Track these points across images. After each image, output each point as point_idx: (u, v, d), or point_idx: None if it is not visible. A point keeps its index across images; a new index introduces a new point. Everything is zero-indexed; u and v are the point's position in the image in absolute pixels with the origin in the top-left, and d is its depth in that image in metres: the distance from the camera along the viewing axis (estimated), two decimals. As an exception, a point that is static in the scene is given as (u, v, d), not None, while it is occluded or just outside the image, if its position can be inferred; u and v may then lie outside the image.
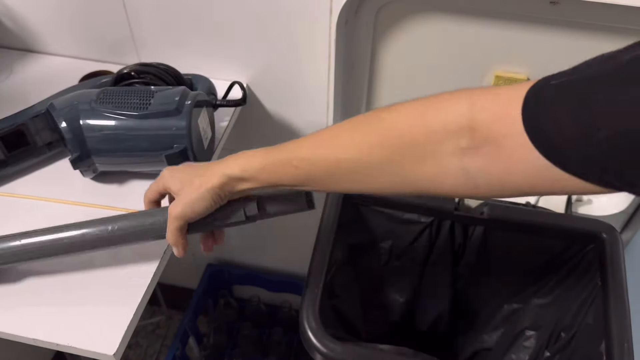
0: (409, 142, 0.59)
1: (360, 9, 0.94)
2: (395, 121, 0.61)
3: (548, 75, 0.52)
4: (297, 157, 0.68)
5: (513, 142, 0.51)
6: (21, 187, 0.94)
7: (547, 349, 1.08)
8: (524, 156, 0.51)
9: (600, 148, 0.46)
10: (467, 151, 0.55)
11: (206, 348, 1.63)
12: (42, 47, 1.16)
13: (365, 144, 0.62)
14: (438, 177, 0.58)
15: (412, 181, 0.60)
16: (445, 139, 0.56)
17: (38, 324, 0.78)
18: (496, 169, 0.54)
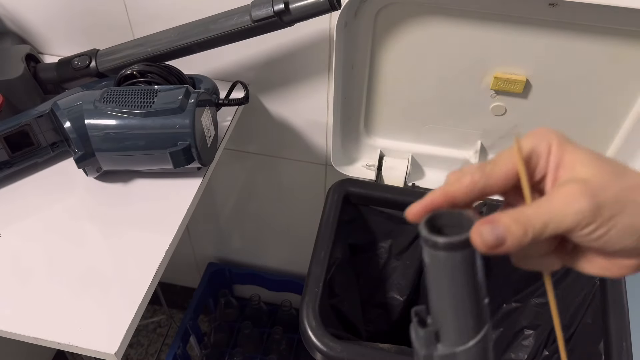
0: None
1: (359, 11, 0.94)
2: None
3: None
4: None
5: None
6: (25, 187, 0.95)
7: (545, 348, 1.08)
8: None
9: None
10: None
11: (207, 347, 1.63)
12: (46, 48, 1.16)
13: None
14: None
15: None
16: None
17: (39, 322, 0.78)
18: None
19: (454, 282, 0.42)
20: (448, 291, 0.43)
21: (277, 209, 1.45)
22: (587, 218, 0.39)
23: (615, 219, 0.39)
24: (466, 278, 0.42)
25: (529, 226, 0.39)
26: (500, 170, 0.42)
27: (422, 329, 0.45)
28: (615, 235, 0.39)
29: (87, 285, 0.82)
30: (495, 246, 0.39)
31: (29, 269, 0.84)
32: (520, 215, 0.40)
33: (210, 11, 0.92)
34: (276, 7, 0.86)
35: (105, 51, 0.99)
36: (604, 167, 0.40)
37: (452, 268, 0.42)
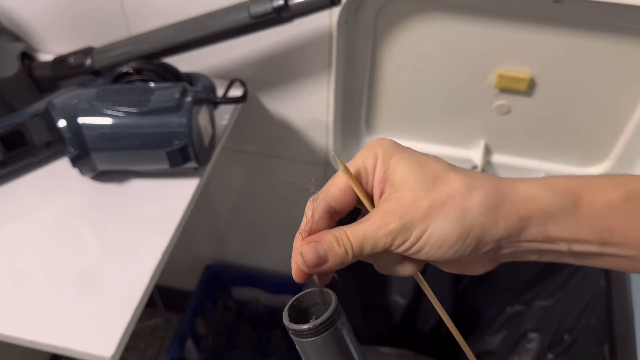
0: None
1: (360, 8, 0.94)
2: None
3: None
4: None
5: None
6: (20, 187, 0.94)
7: (549, 351, 1.07)
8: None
9: None
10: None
11: (205, 350, 1.63)
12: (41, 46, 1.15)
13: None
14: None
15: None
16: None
17: (35, 325, 0.77)
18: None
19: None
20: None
21: (276, 209, 1.44)
22: (398, 238, 0.41)
23: (426, 234, 0.41)
24: (338, 355, 0.43)
25: (349, 247, 0.42)
26: (335, 187, 0.44)
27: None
28: (432, 248, 0.42)
29: (83, 287, 0.81)
30: (317, 265, 0.43)
31: (24, 270, 0.84)
32: (342, 236, 0.42)
33: (207, 7, 0.92)
34: (275, 3, 0.85)
35: (101, 49, 0.98)
36: (420, 178, 0.42)
37: (321, 351, 0.42)
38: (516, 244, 0.43)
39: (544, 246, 0.43)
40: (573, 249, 0.43)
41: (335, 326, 0.42)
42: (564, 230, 0.42)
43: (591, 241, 0.42)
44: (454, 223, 0.41)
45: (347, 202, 0.45)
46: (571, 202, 0.42)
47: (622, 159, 1.05)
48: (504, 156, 1.11)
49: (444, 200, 0.41)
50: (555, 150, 1.07)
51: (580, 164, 1.09)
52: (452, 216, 0.41)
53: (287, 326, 0.42)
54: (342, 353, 0.44)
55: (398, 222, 0.41)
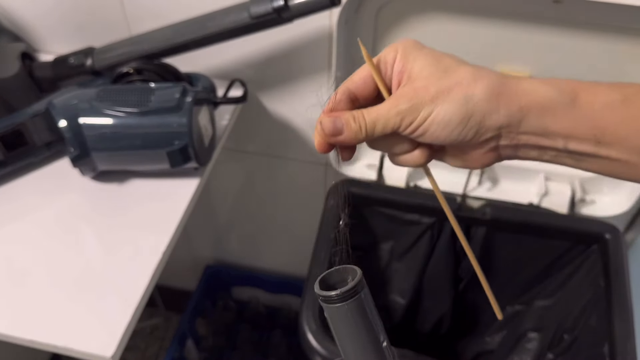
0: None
1: (360, 8, 0.94)
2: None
3: None
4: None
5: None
6: (20, 187, 0.94)
7: (549, 351, 1.07)
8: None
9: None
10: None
11: (205, 350, 1.63)
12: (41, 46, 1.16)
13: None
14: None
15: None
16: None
17: (35, 325, 0.77)
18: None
19: (351, 328, 0.49)
20: (349, 338, 0.50)
21: (276, 209, 1.44)
22: (406, 118, 0.45)
23: (432, 115, 0.45)
24: (360, 321, 0.49)
25: (362, 124, 0.46)
26: (357, 76, 0.50)
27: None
28: (437, 129, 0.45)
29: (83, 287, 0.82)
30: (333, 134, 0.47)
31: (24, 270, 0.84)
32: (358, 114, 0.47)
33: (207, 8, 0.92)
34: (275, 4, 0.85)
35: (102, 49, 0.98)
36: (434, 70, 0.45)
37: (347, 316, 0.48)
38: (516, 136, 0.45)
39: (542, 141, 0.45)
40: (569, 147, 0.45)
41: (358, 296, 0.48)
42: (561, 125, 0.44)
43: (586, 139, 0.44)
44: (458, 106, 0.44)
45: (367, 90, 0.49)
46: (570, 99, 0.44)
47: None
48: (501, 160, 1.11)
49: (451, 87, 0.44)
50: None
51: (580, 164, 1.09)
52: (457, 101, 0.44)
53: (317, 293, 0.48)
54: (364, 322, 0.49)
55: (407, 103, 0.45)
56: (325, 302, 0.48)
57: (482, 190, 1.13)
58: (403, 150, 0.49)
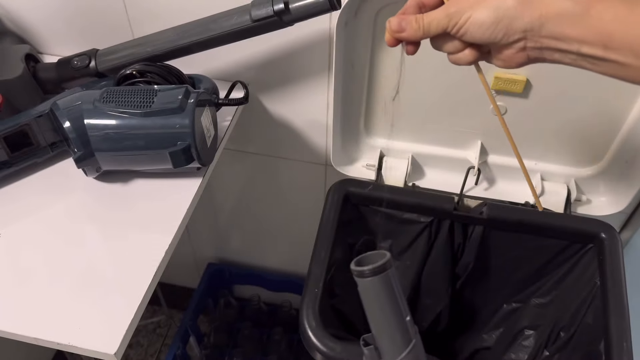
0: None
1: (360, 10, 0.94)
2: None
3: None
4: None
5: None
6: (25, 187, 0.95)
7: (546, 349, 1.08)
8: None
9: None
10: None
11: (207, 347, 1.63)
12: (45, 48, 1.16)
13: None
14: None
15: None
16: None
17: (39, 323, 0.78)
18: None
19: (380, 301, 0.58)
20: (377, 310, 0.59)
21: (277, 209, 1.45)
22: (452, 20, 0.58)
23: (471, 18, 0.57)
24: (389, 295, 0.58)
25: (421, 24, 0.60)
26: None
27: (366, 347, 0.61)
28: (473, 29, 0.57)
29: (87, 285, 0.82)
30: (397, 31, 0.61)
31: (29, 269, 0.84)
32: (419, 16, 0.60)
33: (210, 11, 0.92)
34: (276, 7, 0.86)
35: (105, 51, 0.99)
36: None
37: (376, 290, 0.58)
38: (539, 39, 0.56)
39: (560, 45, 0.55)
40: (582, 51, 0.55)
41: (386, 272, 0.57)
42: (575, 31, 0.54)
43: (596, 44, 0.54)
44: (490, 12, 0.56)
45: (431, 1, 0.61)
46: (584, 9, 0.53)
47: (617, 159, 1.06)
48: (500, 157, 1.11)
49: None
50: (550, 151, 1.08)
51: (576, 165, 1.10)
52: (490, 7, 0.56)
53: (352, 269, 0.58)
54: (390, 295, 0.58)
55: (454, 7, 0.58)
56: (359, 277, 0.58)
57: (479, 190, 1.14)
58: (456, 49, 0.61)
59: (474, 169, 1.09)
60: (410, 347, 0.60)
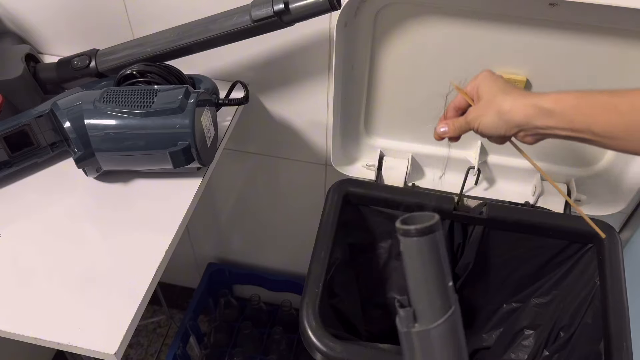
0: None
1: (359, 11, 0.94)
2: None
3: None
4: (627, 102, 0.66)
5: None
6: (25, 187, 0.95)
7: (545, 348, 1.08)
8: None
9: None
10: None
11: (207, 347, 1.64)
12: (46, 48, 1.16)
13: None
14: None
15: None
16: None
17: (39, 322, 0.78)
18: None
19: (424, 263, 0.56)
20: (419, 272, 0.57)
21: (277, 209, 1.45)
22: (471, 124, 0.79)
23: (480, 123, 0.77)
24: (433, 258, 0.56)
25: (457, 127, 0.82)
26: (458, 98, 0.83)
27: (402, 309, 0.58)
28: (484, 130, 0.77)
29: (87, 285, 0.82)
30: (442, 134, 0.84)
31: (29, 269, 0.84)
32: (453, 121, 0.82)
33: (210, 11, 0.93)
34: (276, 7, 0.86)
35: (105, 51, 0.99)
36: (488, 93, 0.77)
37: (421, 251, 0.55)
38: (531, 129, 0.73)
39: (546, 131, 0.72)
40: (560, 134, 0.71)
41: (433, 234, 0.55)
42: (550, 122, 0.71)
43: (566, 129, 0.70)
44: (493, 117, 0.75)
45: (462, 107, 0.83)
46: (553, 106, 0.70)
47: (617, 160, 1.06)
48: (499, 157, 1.12)
49: (492, 106, 0.75)
50: (550, 151, 1.08)
51: (575, 165, 1.10)
52: (493, 114, 0.75)
53: (397, 227, 0.55)
54: (433, 258, 0.56)
55: (470, 116, 0.79)
56: (404, 236, 0.55)
57: (479, 190, 1.14)
58: (492, 139, 0.80)
59: (473, 169, 1.09)
60: (449, 314, 0.57)
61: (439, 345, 0.58)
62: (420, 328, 0.57)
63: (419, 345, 0.58)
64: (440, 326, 0.57)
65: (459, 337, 0.59)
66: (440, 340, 0.58)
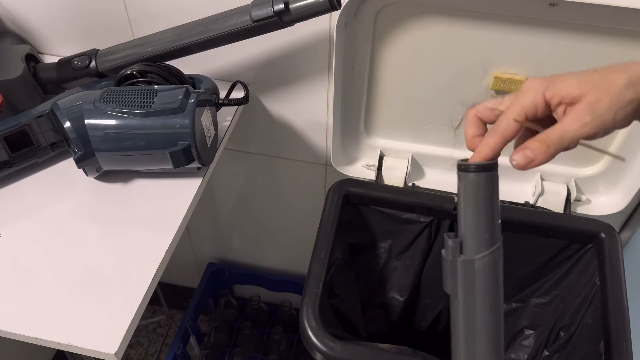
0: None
1: (359, 11, 0.94)
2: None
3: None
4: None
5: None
6: (25, 187, 0.95)
7: (545, 348, 1.08)
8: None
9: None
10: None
11: (207, 347, 1.64)
12: (46, 48, 1.17)
13: None
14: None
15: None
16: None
17: (39, 322, 0.78)
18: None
19: (477, 198, 0.60)
20: (473, 206, 0.61)
21: (277, 209, 1.45)
22: (591, 128, 0.56)
23: (613, 120, 0.56)
24: (487, 195, 0.60)
25: (550, 143, 0.57)
26: (509, 126, 0.61)
27: (451, 239, 0.62)
28: (616, 127, 0.56)
29: (87, 285, 0.82)
30: (526, 165, 0.59)
31: (29, 269, 0.84)
32: (543, 137, 0.57)
33: (210, 11, 0.93)
34: (276, 7, 0.86)
35: (105, 51, 0.99)
36: (589, 84, 0.57)
37: (477, 186, 0.60)
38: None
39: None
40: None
41: (492, 172, 0.60)
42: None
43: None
44: (628, 109, 0.56)
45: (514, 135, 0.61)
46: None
47: (616, 160, 1.06)
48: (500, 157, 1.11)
49: (615, 94, 0.56)
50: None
51: (576, 165, 1.10)
52: (625, 104, 0.56)
53: (458, 164, 0.60)
54: (489, 195, 0.60)
55: (590, 116, 0.56)
56: (463, 171, 0.60)
57: (480, 190, 1.14)
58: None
59: (473, 169, 1.09)
60: (494, 248, 0.61)
61: (480, 276, 0.62)
62: (465, 257, 0.61)
63: (462, 274, 0.62)
64: (484, 258, 0.61)
65: (498, 272, 0.63)
66: (482, 271, 0.61)
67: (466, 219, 0.61)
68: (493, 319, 0.64)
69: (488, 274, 0.62)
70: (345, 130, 1.11)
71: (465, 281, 0.63)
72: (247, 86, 1.02)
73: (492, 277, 0.63)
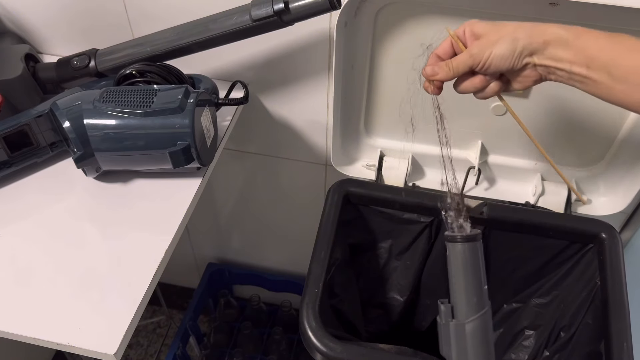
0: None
1: (359, 10, 0.94)
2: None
3: None
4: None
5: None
6: (24, 187, 0.95)
7: (546, 349, 1.08)
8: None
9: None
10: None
11: (207, 347, 1.63)
12: (45, 48, 1.16)
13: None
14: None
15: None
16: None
17: (39, 323, 0.78)
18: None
19: (465, 266, 0.70)
20: (462, 273, 0.70)
21: (277, 209, 1.45)
22: (477, 57, 0.72)
23: (492, 54, 0.71)
24: (474, 262, 0.69)
25: (450, 66, 0.74)
26: (442, 46, 0.77)
27: (443, 305, 0.72)
28: (496, 62, 0.71)
29: (87, 285, 0.82)
30: (432, 75, 0.76)
31: (28, 269, 0.84)
32: (447, 61, 0.75)
33: (210, 11, 0.93)
34: (276, 7, 0.86)
35: (105, 51, 0.99)
36: (490, 28, 0.72)
37: (464, 255, 0.70)
38: (543, 60, 0.70)
39: (557, 64, 0.69)
40: (573, 70, 0.68)
41: (475, 243, 0.70)
42: (567, 54, 0.68)
43: (581, 64, 0.67)
44: (508, 44, 0.70)
45: (447, 54, 0.77)
46: (575, 36, 0.68)
47: (617, 160, 1.06)
48: (500, 157, 1.11)
49: (504, 34, 0.70)
50: (551, 151, 1.08)
51: (576, 165, 1.10)
52: (507, 41, 0.70)
53: (446, 235, 0.73)
54: (474, 264, 0.70)
55: (477, 48, 0.72)
56: (451, 242, 0.71)
57: (480, 190, 1.14)
58: (482, 86, 0.75)
59: (474, 169, 1.09)
60: (483, 312, 0.69)
61: (471, 338, 0.69)
62: (457, 322, 0.70)
63: (454, 337, 0.70)
64: (474, 321, 0.69)
65: (488, 334, 0.71)
66: (473, 334, 0.69)
67: (456, 285, 0.71)
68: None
69: (478, 336, 0.70)
70: (345, 130, 1.11)
71: (458, 343, 0.71)
72: (246, 86, 1.02)
73: (483, 338, 0.71)
